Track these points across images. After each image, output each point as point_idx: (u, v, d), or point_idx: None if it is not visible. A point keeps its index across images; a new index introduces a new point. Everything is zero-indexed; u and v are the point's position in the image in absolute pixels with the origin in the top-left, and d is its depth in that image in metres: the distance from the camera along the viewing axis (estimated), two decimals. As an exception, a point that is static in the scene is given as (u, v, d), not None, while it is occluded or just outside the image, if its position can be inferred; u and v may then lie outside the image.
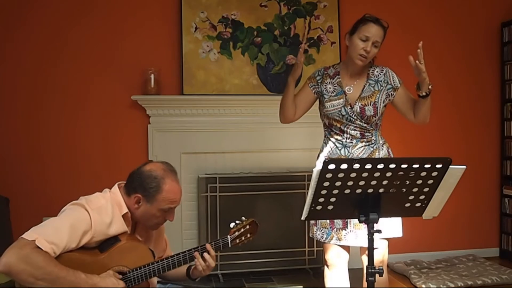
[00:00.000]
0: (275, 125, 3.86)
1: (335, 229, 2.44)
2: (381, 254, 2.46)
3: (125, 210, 1.96)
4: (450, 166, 1.72)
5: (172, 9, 3.79)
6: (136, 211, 1.98)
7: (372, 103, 2.42)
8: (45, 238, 1.75)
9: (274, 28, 3.92)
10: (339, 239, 2.43)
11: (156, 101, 3.70)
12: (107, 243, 1.92)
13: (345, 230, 2.42)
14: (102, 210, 1.90)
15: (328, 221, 2.44)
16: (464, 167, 1.77)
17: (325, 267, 2.56)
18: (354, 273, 2.58)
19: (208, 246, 2.01)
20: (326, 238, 2.46)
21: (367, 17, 2.41)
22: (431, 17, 4.20)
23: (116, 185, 2.04)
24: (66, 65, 3.66)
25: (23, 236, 1.76)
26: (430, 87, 2.31)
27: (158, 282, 2.14)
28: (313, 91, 2.53)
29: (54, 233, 1.78)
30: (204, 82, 3.81)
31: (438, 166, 1.70)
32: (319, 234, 2.48)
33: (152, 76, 3.65)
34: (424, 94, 2.31)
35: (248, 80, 3.89)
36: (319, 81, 2.51)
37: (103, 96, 3.72)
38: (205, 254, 2.00)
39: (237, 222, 2.09)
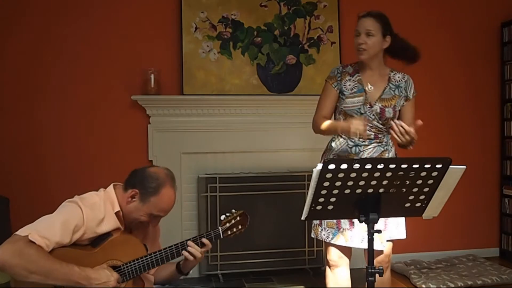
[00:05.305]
0: (275, 125, 3.91)
1: (342, 229, 2.43)
2: (387, 255, 2.48)
3: (117, 208, 1.98)
4: (450, 166, 1.72)
5: (172, 9, 3.79)
6: (126, 206, 1.99)
7: (392, 106, 2.46)
8: (37, 233, 1.77)
9: (274, 28, 3.92)
10: (346, 240, 2.43)
11: (156, 101, 3.70)
12: (100, 238, 1.94)
13: (352, 231, 2.42)
14: (96, 207, 1.92)
15: (335, 221, 2.43)
16: (464, 167, 1.77)
17: (327, 267, 2.56)
18: (354, 273, 2.57)
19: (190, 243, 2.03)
20: (332, 238, 2.45)
21: (358, 15, 2.48)
22: (431, 17, 4.20)
23: (111, 185, 2.06)
24: (66, 65, 3.66)
25: (16, 232, 1.78)
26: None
27: (155, 283, 2.15)
28: (337, 90, 2.51)
29: (47, 228, 1.81)
30: (204, 82, 3.81)
31: (438, 166, 1.70)
32: (324, 234, 2.47)
33: (152, 76, 3.65)
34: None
35: (248, 80, 3.89)
36: (339, 79, 2.51)
37: (103, 96, 3.72)
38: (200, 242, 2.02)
39: (227, 214, 2.14)
